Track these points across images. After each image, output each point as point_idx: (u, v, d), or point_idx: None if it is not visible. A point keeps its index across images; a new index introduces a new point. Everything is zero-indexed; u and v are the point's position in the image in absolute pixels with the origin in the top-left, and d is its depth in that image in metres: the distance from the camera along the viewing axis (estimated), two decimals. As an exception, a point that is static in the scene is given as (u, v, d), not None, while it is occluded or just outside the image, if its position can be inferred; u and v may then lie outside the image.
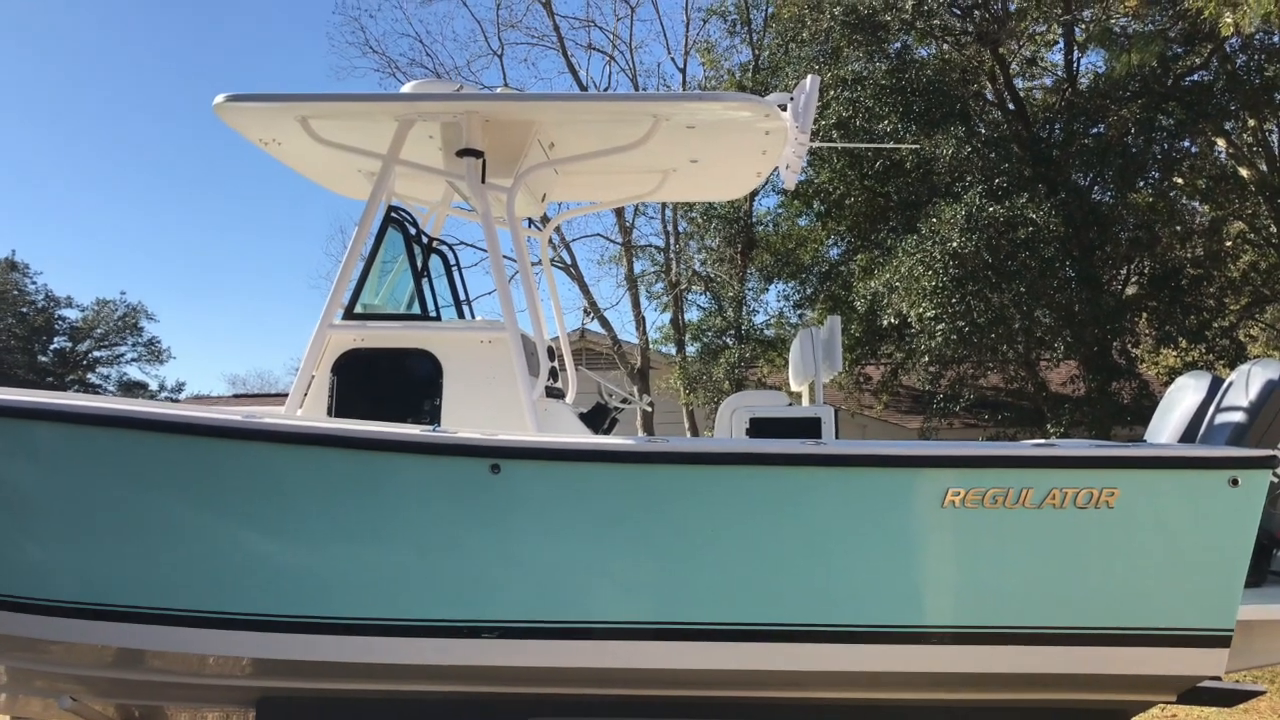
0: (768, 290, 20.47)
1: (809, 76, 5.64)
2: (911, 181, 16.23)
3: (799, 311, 19.74)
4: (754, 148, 6.06)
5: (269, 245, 71.29)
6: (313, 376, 5.49)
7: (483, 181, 5.60)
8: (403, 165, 5.68)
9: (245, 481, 4.70)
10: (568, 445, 4.80)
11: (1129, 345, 16.80)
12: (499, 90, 6.39)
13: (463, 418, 5.34)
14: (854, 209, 17.45)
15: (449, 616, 4.67)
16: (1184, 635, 4.70)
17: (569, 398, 6.63)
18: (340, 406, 5.47)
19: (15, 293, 42.97)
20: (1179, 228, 17.04)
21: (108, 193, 61.54)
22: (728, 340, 18.72)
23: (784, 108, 5.62)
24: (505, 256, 5.87)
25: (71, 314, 44.30)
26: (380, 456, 4.67)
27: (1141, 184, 16.36)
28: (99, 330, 44.73)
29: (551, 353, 6.32)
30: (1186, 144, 16.87)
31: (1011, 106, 16.95)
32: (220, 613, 4.73)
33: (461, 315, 6.72)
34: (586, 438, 5.35)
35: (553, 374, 6.17)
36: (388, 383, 5.56)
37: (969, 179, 14.62)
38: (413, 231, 6.01)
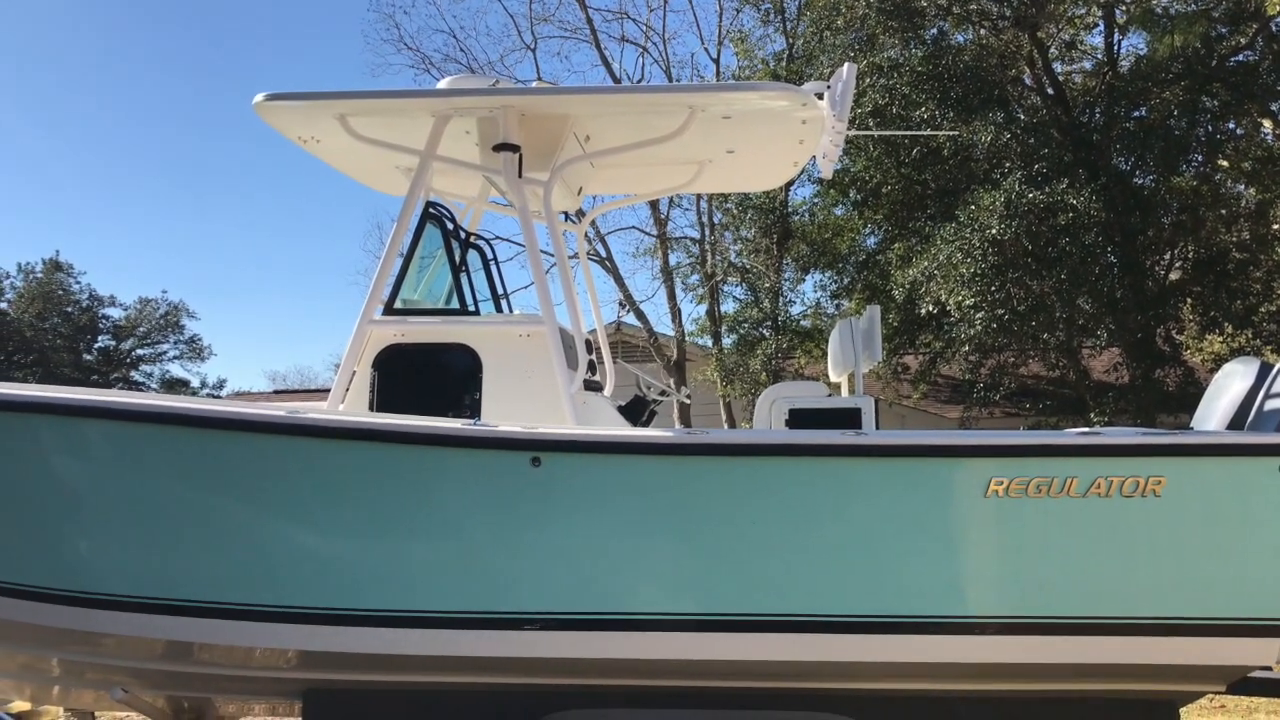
0: (804, 280, 20.38)
1: (846, 64, 5.59)
2: (949, 169, 16.06)
3: (836, 302, 19.64)
4: (791, 137, 6.03)
5: (307, 242, 72.05)
6: (354, 372, 5.54)
7: (519, 176, 5.62)
8: (440, 161, 5.71)
9: (290, 476, 4.76)
10: (607, 438, 4.82)
11: (1173, 332, 16.54)
12: (534, 84, 6.38)
13: (502, 411, 5.37)
14: (891, 197, 17.31)
15: (492, 609, 4.71)
16: (1234, 625, 4.64)
17: (607, 390, 6.64)
18: (381, 401, 5.51)
19: (60, 292, 43.81)
20: (1224, 211, 16.71)
21: (147, 194, 62.42)
22: (764, 331, 18.65)
23: (821, 96, 5.59)
24: (542, 251, 5.89)
25: (115, 313, 45.17)
26: (422, 451, 4.72)
27: (1185, 167, 16.08)
28: (141, 328, 45.50)
29: (589, 346, 6.33)
30: (1231, 126, 16.56)
31: (1051, 91, 16.70)
32: (267, 606, 4.80)
33: (500, 309, 6.75)
34: (625, 430, 5.35)
35: (591, 367, 6.18)
36: (428, 377, 5.60)
37: (1008, 165, 14.45)
38: (450, 226, 6.04)
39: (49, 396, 4.95)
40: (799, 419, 6.16)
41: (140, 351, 45.95)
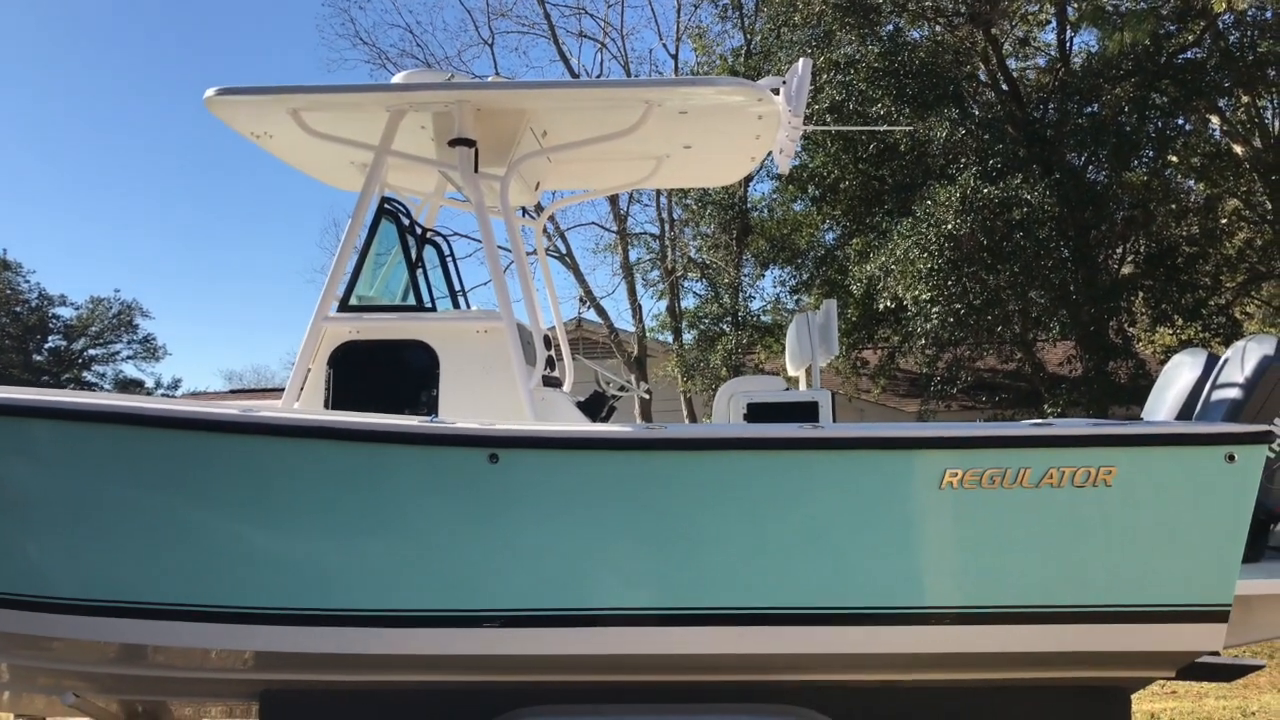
0: (764, 276, 20.47)
1: (801, 60, 5.62)
2: (906, 164, 16.21)
3: (795, 297, 19.74)
4: (747, 132, 6.05)
5: (262, 240, 71.18)
6: (309, 370, 5.49)
7: (475, 171, 5.59)
8: (395, 156, 5.67)
9: (243, 475, 4.70)
10: (565, 434, 4.80)
11: (1125, 324, 16.82)
12: (490, 79, 6.35)
13: (460, 408, 5.34)
14: (849, 193, 17.44)
15: (450, 607, 4.68)
16: (1182, 611, 4.71)
17: (566, 386, 6.63)
18: (337, 399, 5.46)
19: (8, 292, 42.87)
20: (1174, 206, 17.03)
21: (99, 189, 61.34)
22: (724, 327, 18.71)
23: (777, 91, 5.61)
24: (499, 246, 5.87)
25: (66, 312, 44.24)
26: (378, 448, 4.67)
27: (1136, 163, 16.35)
28: (94, 328, 44.66)
29: (548, 341, 6.32)
30: (1180, 121, 16.86)
31: (1005, 87, 16.91)
32: (221, 606, 4.73)
33: (457, 306, 6.71)
34: (584, 426, 5.34)
35: (550, 363, 6.17)
36: (384, 374, 5.56)
37: (963, 161, 14.61)
38: (406, 222, 6.00)
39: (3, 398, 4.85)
40: (757, 413, 6.19)
41: (93, 351, 45.15)
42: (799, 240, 19.43)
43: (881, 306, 14.86)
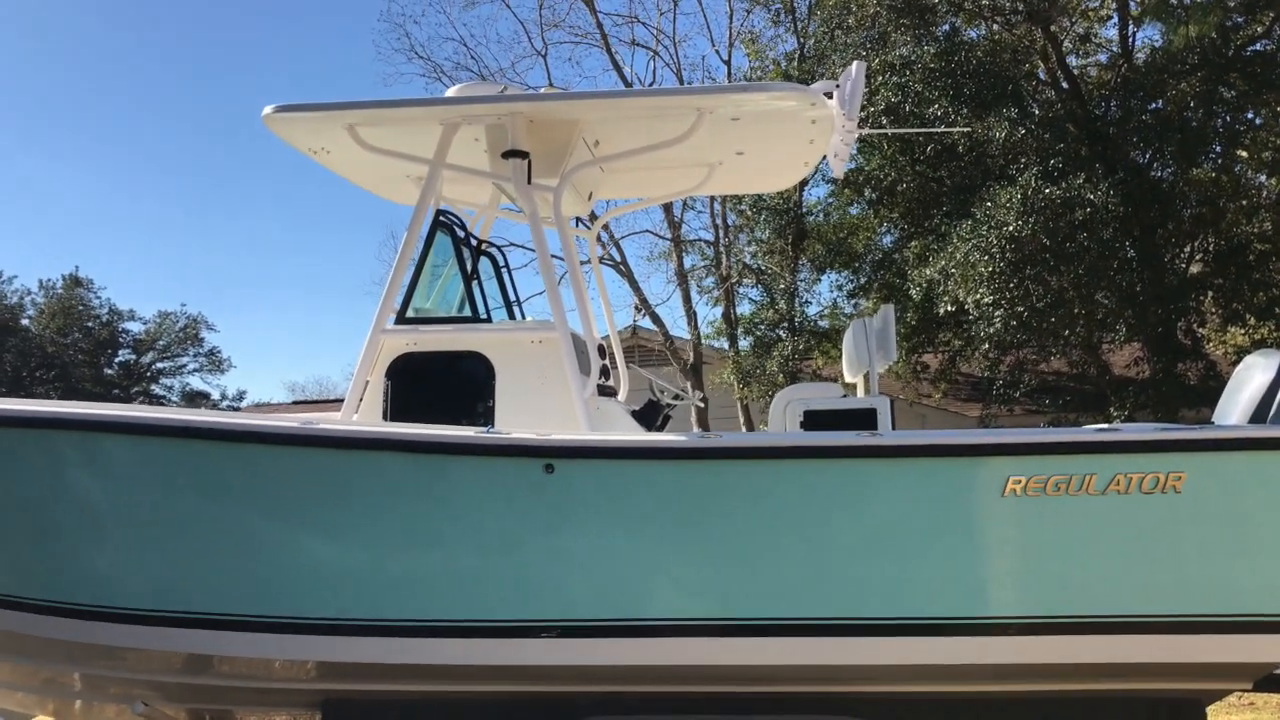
0: (820, 281, 20.29)
1: (855, 63, 5.56)
2: (965, 165, 15.95)
3: (853, 301, 19.55)
4: (800, 137, 6.00)
5: (323, 252, 72.42)
6: (367, 382, 5.55)
7: (529, 182, 5.61)
8: (449, 169, 5.72)
9: (302, 487, 4.77)
10: (619, 443, 4.81)
11: (1194, 325, 16.37)
12: (543, 90, 6.38)
13: (516, 418, 5.36)
14: (907, 195, 17.21)
15: (508, 617, 4.71)
16: (1260, 621, 4.58)
17: (621, 395, 6.62)
18: (395, 410, 5.51)
19: (80, 308, 44.13)
20: (1244, 202, 16.53)
21: (165, 206, 62.89)
22: (780, 333, 18.58)
23: (830, 95, 5.55)
24: (554, 256, 5.89)
25: (135, 327, 45.43)
26: (435, 459, 4.72)
27: (1203, 159, 15.91)
28: (161, 342, 45.78)
29: (602, 351, 6.32)
30: (1250, 115, 16.37)
31: (1065, 85, 16.57)
32: (286, 617, 4.81)
33: (512, 316, 6.75)
34: (639, 435, 5.32)
35: (605, 372, 6.17)
36: (441, 385, 5.60)
37: (1023, 161, 14.34)
38: (461, 234, 6.05)
39: (66, 412, 4.98)
40: (814, 420, 6.13)
41: (160, 365, 46.26)
42: (856, 244, 19.24)
43: (942, 311, 14.62)
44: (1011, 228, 13.14)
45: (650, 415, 5.93)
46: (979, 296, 13.59)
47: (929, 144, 15.75)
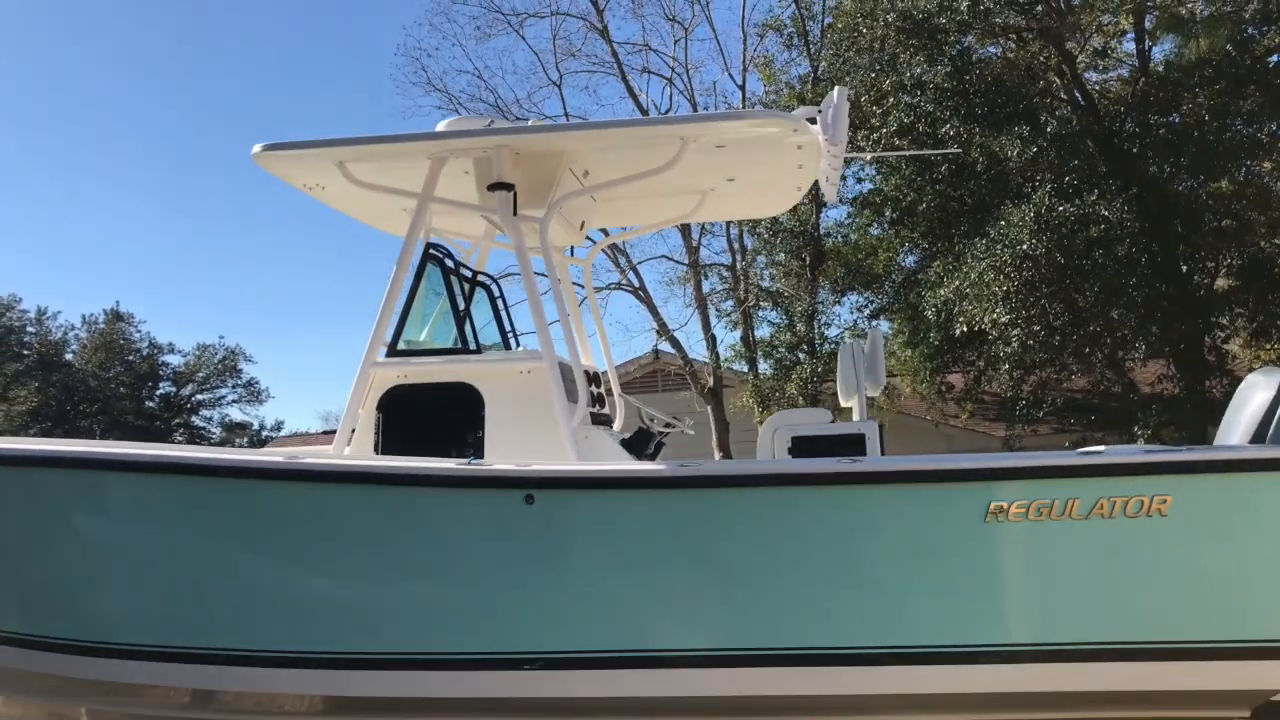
0: (841, 302, 20.20)
1: (836, 89, 5.56)
2: (983, 184, 15.84)
3: (874, 322, 19.43)
4: (789, 163, 6.01)
5: (357, 281, 73.13)
6: (359, 414, 5.59)
7: (515, 214, 5.66)
8: (438, 203, 5.77)
9: (288, 521, 4.82)
10: (599, 473, 4.82)
11: (1219, 341, 16.10)
12: (530, 123, 6.44)
13: (507, 448, 5.38)
14: (927, 215, 17.12)
15: (492, 649, 4.71)
16: (1256, 647, 4.48)
17: (617, 424, 6.63)
18: (387, 443, 5.54)
19: (121, 342, 44.90)
20: (1270, 214, 16.25)
21: (194, 239, 63.88)
22: (800, 355, 18.51)
23: (813, 121, 5.55)
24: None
25: (174, 359, 46.11)
26: (414, 492, 4.74)
27: (1228, 171, 15.66)
28: (200, 374, 46.39)
29: (597, 379, 6.33)
30: (1275, 127, 16.12)
31: (1081, 102, 16.44)
32: (273, 652, 4.85)
33: (509, 346, 6.78)
34: (616, 464, 5.31)
35: (599, 400, 6.17)
36: (432, 417, 5.62)
37: (1038, 179, 14.22)
38: (451, 265, 6.10)
39: (64, 451, 5.08)
40: (802, 447, 6.10)
41: (200, 396, 46.87)
42: (875, 265, 19.15)
43: (957, 332, 14.49)
44: (1025, 246, 13.03)
45: (641, 443, 5.93)
46: (995, 316, 13.48)
47: (944, 163, 15.68)
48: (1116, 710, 4.64)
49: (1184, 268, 15.56)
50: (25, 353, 43.30)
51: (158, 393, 46.28)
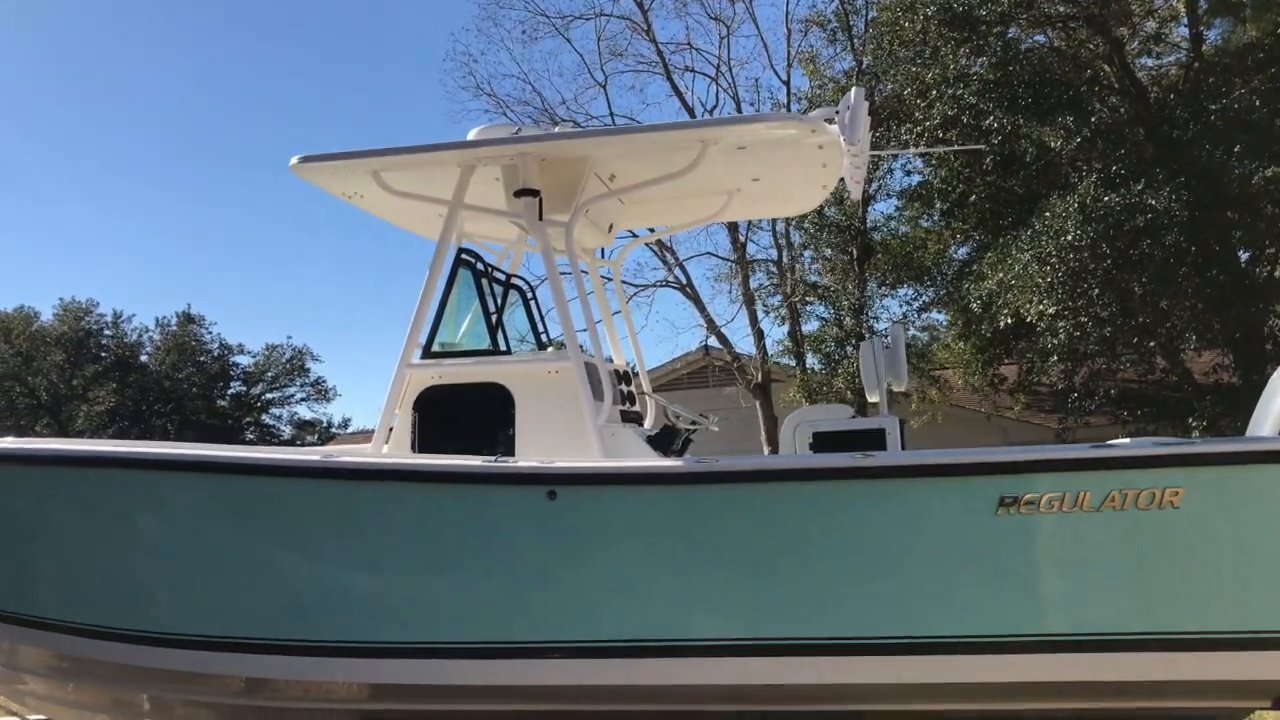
0: (892, 296, 20.08)
1: (853, 89, 5.65)
2: (1033, 174, 15.67)
3: (924, 315, 19.33)
4: (812, 162, 6.11)
5: (413, 280, 74.04)
6: (396, 414, 5.82)
7: (540, 219, 5.84)
8: (468, 209, 5.98)
9: (325, 517, 5.06)
10: (619, 469, 4.97)
11: (1278, 330, 15.73)
12: (555, 130, 6.62)
13: (537, 446, 5.55)
14: (979, 206, 16.96)
15: (519, 638, 4.90)
16: (1272, 637, 4.49)
17: (648, 422, 6.77)
18: (423, 442, 5.74)
19: (193, 343, 46.17)
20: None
21: (255, 239, 65.29)
22: (848, 350, 18.47)
23: (831, 121, 5.64)
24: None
25: (244, 360, 47.28)
26: (442, 489, 4.95)
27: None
28: (270, 373, 47.52)
29: (626, 377, 6.48)
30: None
31: (1132, 90, 16.16)
32: (317, 641, 5.09)
33: (542, 347, 6.97)
34: (637, 461, 5.47)
35: (629, 398, 6.32)
36: (466, 416, 5.81)
37: (1085, 169, 14.03)
38: (482, 269, 6.29)
39: (122, 453, 5.38)
40: (823, 442, 6.19)
41: (269, 395, 48.01)
42: (924, 258, 19.02)
43: (1002, 324, 14.36)
44: (1070, 236, 12.89)
45: (667, 440, 6.07)
46: (1042, 307, 13.35)
47: (990, 155, 15.54)
48: (1139, 700, 4.68)
49: (1241, 255, 15.20)
50: (103, 355, 44.80)
51: (229, 392, 47.53)
